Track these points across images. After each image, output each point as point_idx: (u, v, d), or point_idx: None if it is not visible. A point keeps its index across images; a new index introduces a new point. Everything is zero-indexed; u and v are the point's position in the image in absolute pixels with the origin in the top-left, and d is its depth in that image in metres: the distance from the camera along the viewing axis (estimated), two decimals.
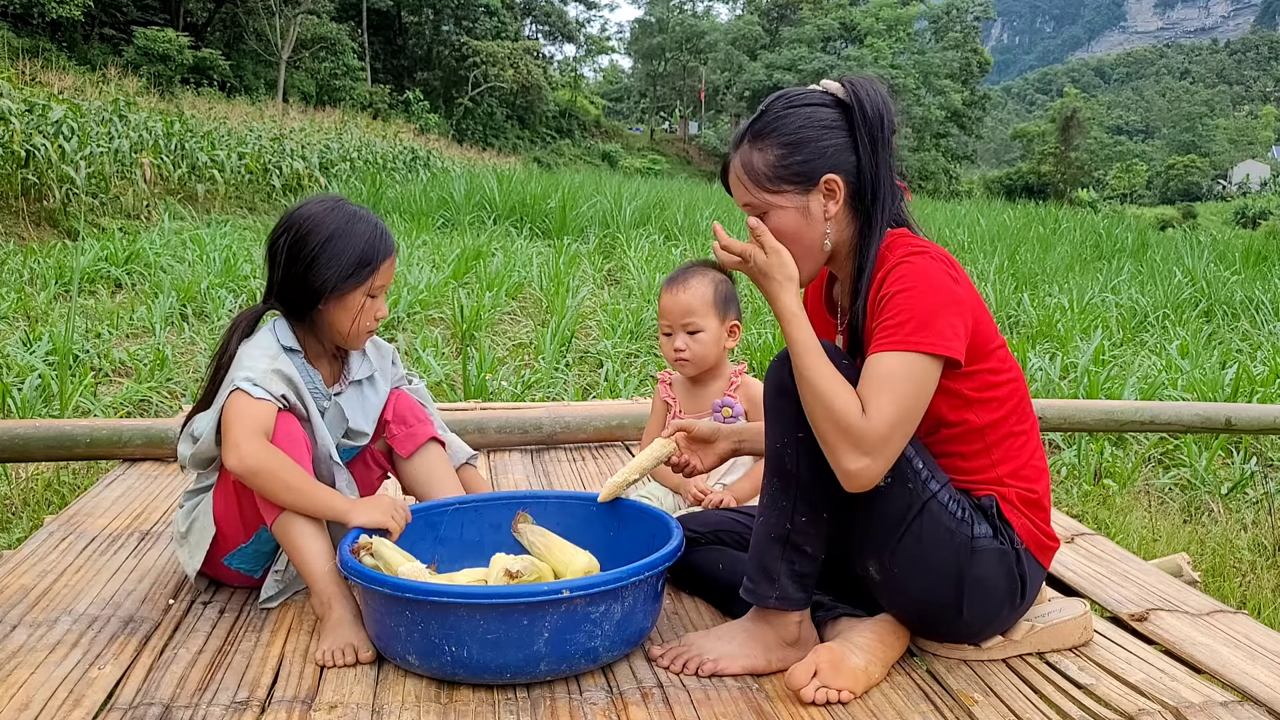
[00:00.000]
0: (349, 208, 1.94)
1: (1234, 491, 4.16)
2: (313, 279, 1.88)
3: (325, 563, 1.78)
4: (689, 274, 2.24)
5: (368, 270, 1.90)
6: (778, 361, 1.62)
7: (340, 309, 1.91)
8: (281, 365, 1.88)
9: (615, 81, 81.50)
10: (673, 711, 1.53)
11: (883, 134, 1.60)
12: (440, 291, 7.10)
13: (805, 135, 1.60)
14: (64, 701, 1.52)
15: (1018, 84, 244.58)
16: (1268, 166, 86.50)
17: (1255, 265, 11.79)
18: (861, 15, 59.13)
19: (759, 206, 1.63)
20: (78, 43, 27.45)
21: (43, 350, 4.75)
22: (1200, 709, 1.55)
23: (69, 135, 9.88)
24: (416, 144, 25.73)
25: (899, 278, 1.54)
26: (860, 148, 1.60)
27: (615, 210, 12.53)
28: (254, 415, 1.78)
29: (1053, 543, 1.70)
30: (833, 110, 1.61)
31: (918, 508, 1.57)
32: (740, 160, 1.64)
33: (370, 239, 1.91)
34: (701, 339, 2.21)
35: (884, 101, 1.61)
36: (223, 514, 1.90)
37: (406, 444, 2.09)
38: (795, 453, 1.59)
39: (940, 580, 1.61)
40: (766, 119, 1.63)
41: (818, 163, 1.60)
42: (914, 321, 1.50)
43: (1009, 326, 7.57)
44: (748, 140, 1.64)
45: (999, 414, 1.63)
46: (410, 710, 1.53)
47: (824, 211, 1.62)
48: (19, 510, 3.36)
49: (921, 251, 1.56)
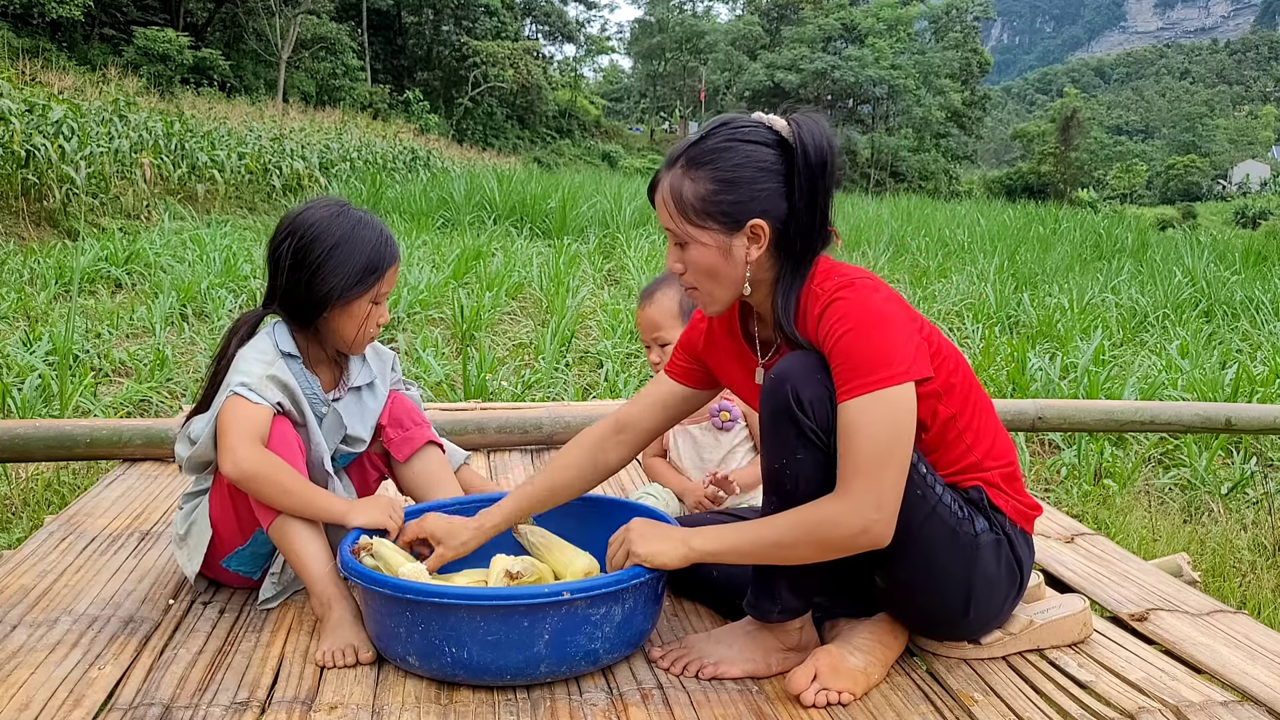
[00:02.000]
0: (354, 213, 1.92)
1: (1234, 491, 4.16)
2: (318, 287, 1.86)
3: (323, 564, 1.78)
4: (656, 287, 2.28)
5: (374, 278, 1.89)
6: (777, 379, 1.57)
7: (345, 317, 1.90)
8: (278, 371, 1.87)
9: (615, 81, 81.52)
10: (673, 713, 1.53)
11: (823, 181, 1.55)
12: (440, 291, 7.10)
13: (740, 175, 1.54)
14: (64, 701, 1.52)
15: (1018, 84, 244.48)
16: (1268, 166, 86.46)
17: (1255, 265, 11.80)
18: (862, 15, 59.15)
19: (679, 235, 1.59)
20: (78, 43, 27.44)
21: (43, 350, 4.75)
22: (1200, 708, 1.55)
23: (69, 135, 9.88)
24: (416, 144, 25.74)
25: (839, 319, 1.50)
26: (796, 193, 1.55)
27: (615, 210, 12.53)
28: (249, 420, 1.78)
29: (1034, 510, 1.70)
30: (773, 151, 1.55)
31: (927, 513, 1.56)
32: (670, 183, 1.58)
33: (376, 246, 1.89)
34: (670, 350, 2.21)
35: (829, 145, 1.53)
36: (219, 517, 1.90)
37: (403, 448, 2.08)
38: (794, 474, 1.56)
39: (949, 583, 1.60)
40: (705, 148, 1.56)
41: (748, 205, 1.54)
42: (863, 362, 1.47)
43: (1009, 326, 7.57)
44: (681, 165, 1.57)
45: (960, 398, 1.62)
46: (410, 711, 1.53)
47: (745, 254, 1.56)
48: (19, 510, 3.36)
49: (848, 284, 1.53)
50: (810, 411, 1.52)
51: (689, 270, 1.61)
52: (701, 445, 2.32)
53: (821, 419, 1.52)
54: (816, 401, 1.52)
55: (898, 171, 56.30)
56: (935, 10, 64.21)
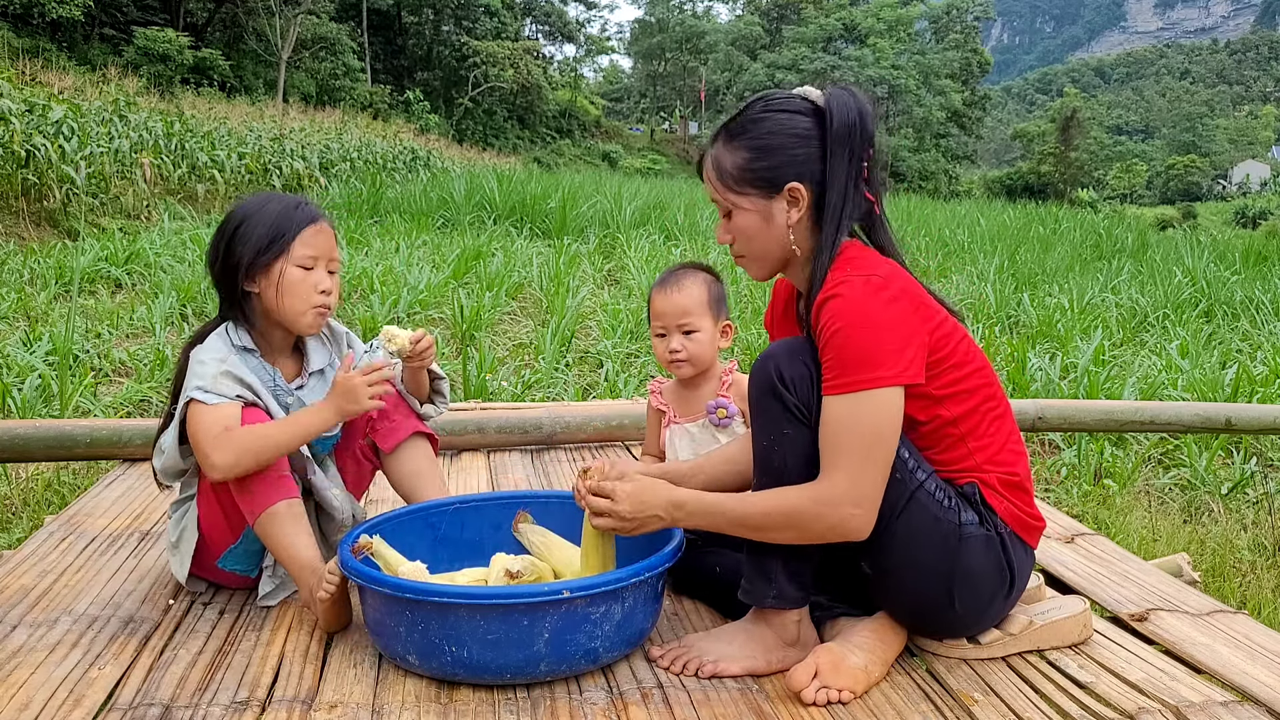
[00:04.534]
0: (266, 195, 1.95)
1: (1234, 491, 4.16)
2: (230, 263, 1.88)
3: (307, 550, 1.78)
4: (681, 275, 2.24)
5: (282, 240, 1.87)
6: (762, 360, 1.63)
7: (269, 287, 1.88)
8: (231, 366, 1.86)
9: (615, 81, 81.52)
10: (673, 712, 1.53)
11: (850, 148, 1.60)
12: (440, 291, 7.10)
13: (776, 141, 1.61)
14: (64, 701, 1.52)
15: (1018, 84, 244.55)
16: (1268, 166, 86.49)
17: (1255, 265, 11.80)
18: (862, 15, 59.19)
19: (724, 204, 1.68)
20: (78, 43, 27.45)
21: (43, 350, 4.74)
22: (1200, 708, 1.55)
23: (69, 135, 9.88)
24: (416, 144, 25.74)
25: (832, 315, 1.53)
26: (830, 157, 1.60)
27: (615, 210, 12.52)
28: (214, 422, 1.78)
29: (1038, 523, 1.70)
30: (808, 119, 1.62)
31: (906, 498, 1.58)
32: (713, 157, 1.68)
33: (281, 213, 1.89)
34: (698, 339, 2.21)
35: (859, 114, 1.60)
36: (207, 518, 1.90)
37: (388, 438, 2.07)
38: (783, 452, 1.59)
39: (931, 570, 1.61)
40: (742, 120, 1.66)
41: (784, 170, 1.61)
42: (853, 361, 1.50)
43: (1009, 326, 7.57)
44: (722, 138, 1.67)
45: (969, 404, 1.63)
46: (410, 710, 1.53)
47: (786, 218, 1.63)
48: (19, 510, 3.36)
49: (852, 279, 1.54)
50: (793, 388, 1.58)
51: (736, 238, 1.69)
52: (699, 442, 2.31)
53: (804, 396, 1.58)
54: (799, 379, 1.58)
55: (898, 171, 56.30)
56: (935, 10, 64.25)
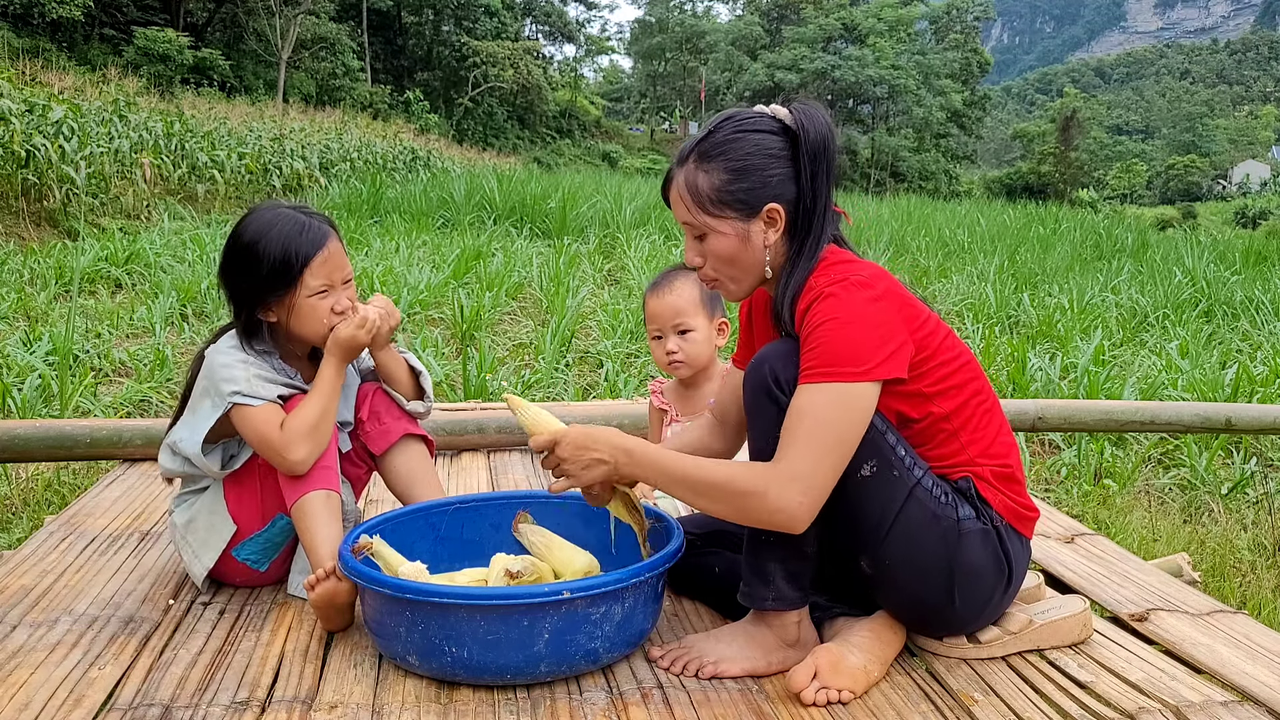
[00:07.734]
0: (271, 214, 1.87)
1: (1234, 491, 4.16)
2: (240, 291, 1.88)
3: (326, 544, 1.80)
4: (673, 276, 2.26)
5: (290, 275, 1.83)
6: (756, 362, 1.63)
7: (283, 315, 1.88)
8: (256, 370, 1.88)
9: (615, 81, 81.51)
10: (673, 712, 1.53)
11: (824, 164, 1.61)
12: (440, 291, 7.10)
13: (754, 162, 1.60)
14: (64, 701, 1.52)
15: (1018, 84, 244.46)
16: (1268, 166, 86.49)
17: (1255, 265, 11.80)
18: (862, 15, 59.17)
19: (698, 227, 1.64)
20: (78, 43, 27.44)
21: (43, 350, 4.75)
22: (1200, 708, 1.55)
23: (69, 135, 9.88)
24: (416, 144, 25.73)
25: (819, 313, 1.54)
26: (803, 175, 1.61)
27: (615, 210, 12.52)
28: (267, 421, 1.82)
29: (1031, 513, 1.71)
30: (779, 138, 1.61)
31: (904, 495, 1.58)
32: (684, 178, 1.64)
33: (288, 241, 1.82)
34: (693, 338, 2.22)
35: (828, 130, 1.61)
36: (239, 507, 1.91)
37: (379, 441, 2.07)
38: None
39: (931, 567, 1.61)
40: (714, 140, 1.63)
41: (762, 191, 1.60)
42: (833, 354, 1.51)
43: (1009, 326, 7.57)
44: (693, 159, 1.63)
45: (960, 399, 1.64)
46: (410, 710, 1.53)
47: (763, 239, 1.63)
48: (19, 510, 3.36)
49: (842, 281, 1.56)
50: (788, 390, 1.57)
51: (708, 261, 1.67)
52: None
53: None
54: (793, 382, 1.57)
55: (898, 171, 56.33)
56: (935, 10, 64.27)
